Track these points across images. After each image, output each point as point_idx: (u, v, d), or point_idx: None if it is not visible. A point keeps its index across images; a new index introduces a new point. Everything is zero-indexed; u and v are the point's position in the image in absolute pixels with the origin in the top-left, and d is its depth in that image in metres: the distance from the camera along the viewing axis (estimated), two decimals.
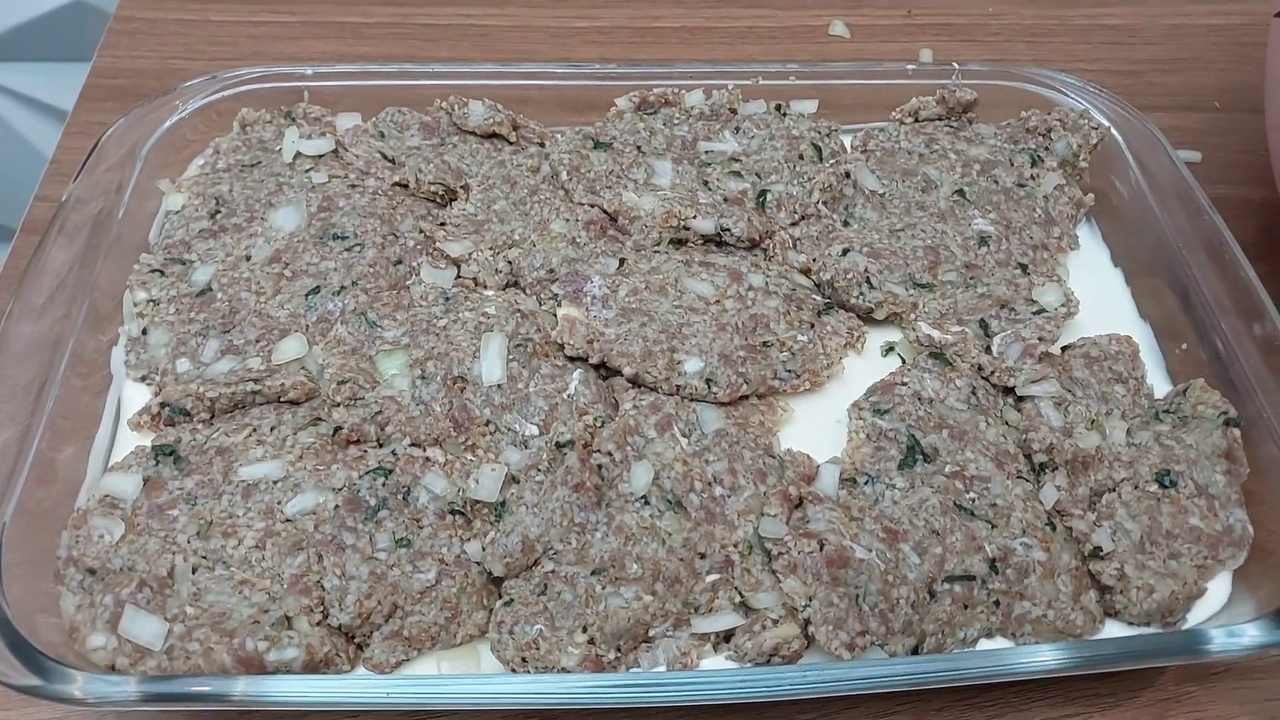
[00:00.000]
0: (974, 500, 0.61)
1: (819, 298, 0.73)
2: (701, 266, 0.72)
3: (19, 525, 0.57)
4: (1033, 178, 0.79)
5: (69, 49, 1.21)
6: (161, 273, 0.70)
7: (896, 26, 1.07)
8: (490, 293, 0.71)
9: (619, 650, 0.55)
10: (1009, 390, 0.67)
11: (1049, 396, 0.66)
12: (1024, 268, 0.74)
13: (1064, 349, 0.70)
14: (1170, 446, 0.64)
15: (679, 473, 0.61)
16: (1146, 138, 0.79)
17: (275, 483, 0.59)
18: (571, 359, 0.67)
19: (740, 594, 0.57)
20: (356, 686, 0.53)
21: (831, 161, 0.80)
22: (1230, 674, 0.62)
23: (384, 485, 0.59)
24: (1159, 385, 0.70)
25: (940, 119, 0.84)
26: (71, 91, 0.96)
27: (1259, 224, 0.88)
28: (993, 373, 0.67)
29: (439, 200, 0.77)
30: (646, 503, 0.60)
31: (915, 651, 0.56)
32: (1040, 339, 0.68)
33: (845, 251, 0.73)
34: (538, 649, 0.55)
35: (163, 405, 0.63)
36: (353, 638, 0.56)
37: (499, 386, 0.64)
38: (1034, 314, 0.70)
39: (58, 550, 0.57)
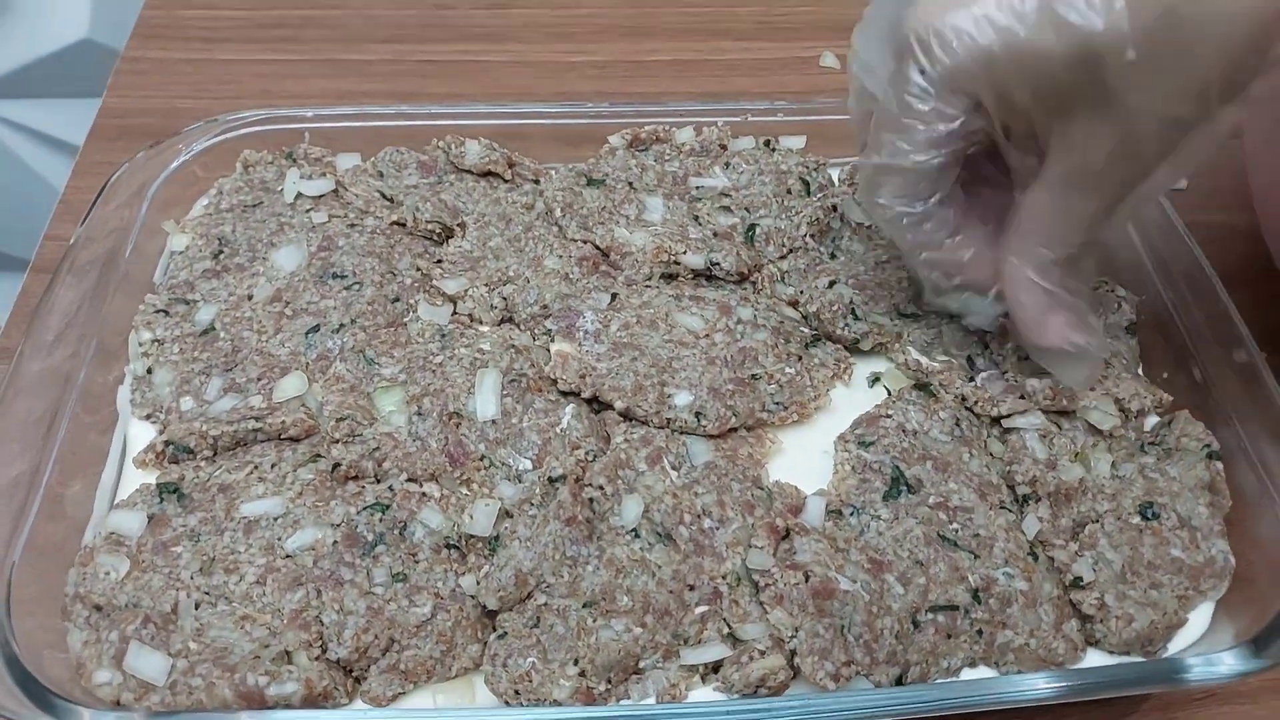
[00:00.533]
0: (957, 531, 0.62)
1: (807, 330, 0.75)
2: (692, 300, 0.74)
3: (28, 562, 0.59)
4: None
5: (79, 85, 1.24)
6: (166, 313, 0.72)
7: None
8: (485, 329, 0.73)
9: (610, 682, 0.57)
10: (995, 421, 0.69)
11: (1033, 428, 0.67)
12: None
13: None
14: (1154, 479, 0.66)
15: (669, 505, 0.63)
16: None
17: (276, 519, 0.61)
18: (564, 393, 0.69)
19: (728, 625, 0.59)
20: None
21: (819, 195, 0.82)
22: (1213, 700, 0.63)
23: (381, 521, 0.61)
24: None
25: None
26: (81, 126, 0.98)
27: (1242, 251, 0.89)
28: (976, 402, 0.69)
29: (436, 238, 0.79)
30: (637, 535, 0.61)
31: (899, 681, 0.58)
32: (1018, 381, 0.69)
33: (832, 283, 0.75)
34: (530, 681, 0.56)
35: (167, 443, 0.65)
36: (350, 671, 0.57)
37: (493, 422, 0.66)
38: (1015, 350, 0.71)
39: (65, 587, 0.59)
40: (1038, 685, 0.55)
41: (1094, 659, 0.60)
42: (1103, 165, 0.54)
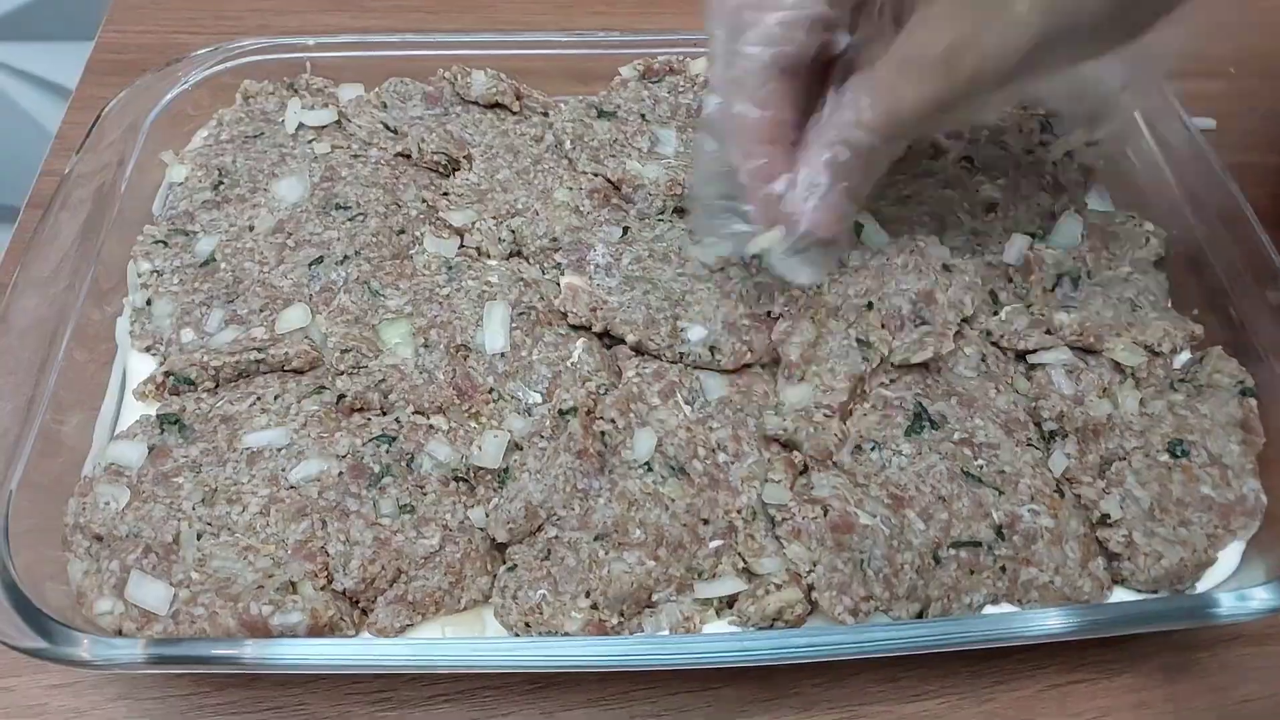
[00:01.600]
0: (982, 467, 0.61)
1: None
2: None
3: (26, 495, 0.57)
4: (1042, 144, 0.78)
5: (75, 28, 1.21)
6: (165, 244, 0.70)
7: None
8: (493, 262, 0.71)
9: (622, 615, 0.55)
10: (1020, 357, 0.67)
11: (1061, 364, 0.65)
12: (1032, 235, 0.73)
13: None
14: (1184, 416, 0.63)
15: (682, 439, 0.61)
16: (1159, 103, 0.78)
17: (279, 450, 0.59)
18: (575, 327, 0.67)
19: (743, 559, 0.57)
20: (362, 650, 0.53)
21: None
22: (1239, 641, 0.62)
23: (388, 452, 0.59)
24: None
25: None
26: (77, 69, 0.96)
27: (1273, 191, 0.86)
28: (1002, 336, 0.67)
29: (442, 170, 0.77)
30: (649, 469, 0.59)
31: (920, 617, 0.56)
32: (1044, 315, 0.67)
33: None
34: (541, 613, 0.55)
35: (167, 374, 0.63)
36: (357, 603, 0.56)
37: (502, 355, 0.64)
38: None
39: (65, 518, 0.58)
40: (1061, 621, 0.54)
41: (1120, 597, 0.59)
42: (942, 53, 0.49)
